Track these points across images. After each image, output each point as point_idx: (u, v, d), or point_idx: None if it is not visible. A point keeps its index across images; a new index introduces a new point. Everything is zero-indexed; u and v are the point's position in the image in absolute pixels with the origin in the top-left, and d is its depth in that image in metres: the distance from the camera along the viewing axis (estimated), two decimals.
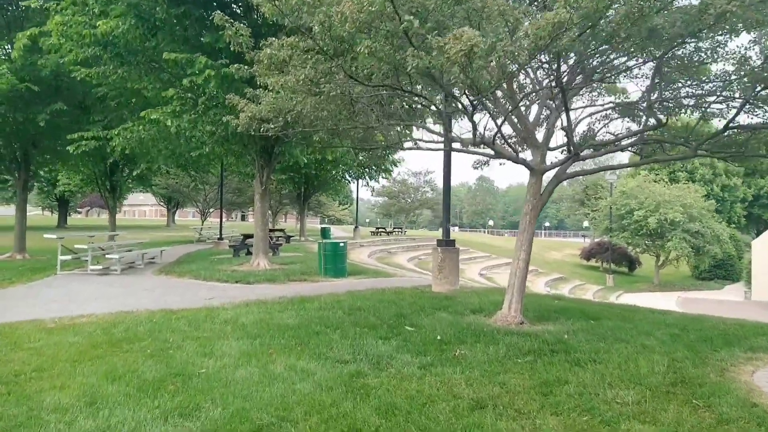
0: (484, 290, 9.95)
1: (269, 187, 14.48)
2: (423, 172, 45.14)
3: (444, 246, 10.03)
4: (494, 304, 7.98)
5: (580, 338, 5.84)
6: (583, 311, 7.47)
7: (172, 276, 12.79)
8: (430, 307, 7.69)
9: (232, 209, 60.44)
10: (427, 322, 6.65)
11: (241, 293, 9.95)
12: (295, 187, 31.10)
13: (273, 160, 14.03)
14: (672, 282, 35.13)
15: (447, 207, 10.32)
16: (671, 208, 31.78)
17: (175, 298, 9.45)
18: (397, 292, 9.57)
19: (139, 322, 6.93)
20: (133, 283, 11.42)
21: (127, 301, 9.05)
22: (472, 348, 5.41)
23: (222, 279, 11.77)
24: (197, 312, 7.69)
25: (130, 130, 13.00)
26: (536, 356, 5.13)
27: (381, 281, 11.94)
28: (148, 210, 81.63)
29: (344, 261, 12.69)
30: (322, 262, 12.47)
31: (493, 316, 7.01)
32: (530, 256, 6.94)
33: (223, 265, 14.87)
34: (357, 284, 11.29)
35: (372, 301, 8.29)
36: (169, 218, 51.59)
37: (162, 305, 8.57)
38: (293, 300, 8.66)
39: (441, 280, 9.88)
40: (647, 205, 32.08)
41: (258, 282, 11.49)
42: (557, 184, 7.10)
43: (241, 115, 7.58)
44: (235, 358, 5.12)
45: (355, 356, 5.15)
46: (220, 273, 12.60)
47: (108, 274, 13.15)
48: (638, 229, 32.28)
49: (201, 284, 11.32)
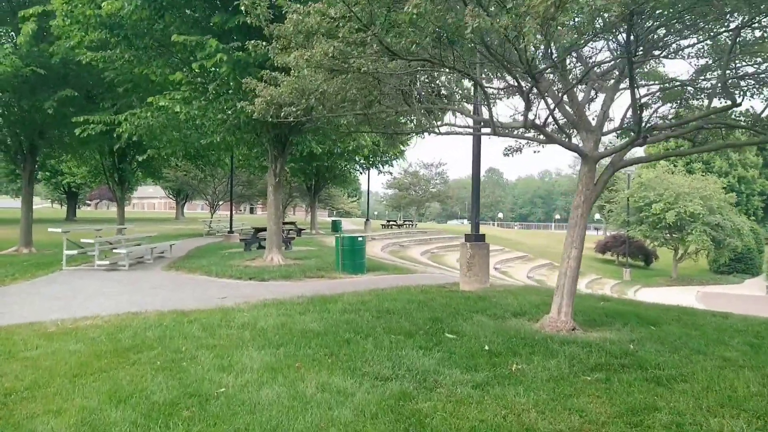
0: (517, 289, 9.19)
1: (283, 179, 13.75)
2: (435, 164, 44.27)
3: (473, 241, 9.28)
4: (535, 306, 7.23)
5: (648, 349, 5.08)
6: (637, 314, 6.70)
7: (183, 272, 12.13)
8: (466, 310, 6.95)
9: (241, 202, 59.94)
10: (468, 328, 5.91)
11: (255, 291, 9.27)
12: (305, 179, 30.40)
13: (287, 150, 13.29)
14: (690, 276, 34.19)
15: (476, 198, 9.55)
16: (690, 201, 30.79)
17: (186, 296, 8.78)
18: (423, 291, 8.84)
19: (147, 326, 6.25)
20: (141, 280, 10.77)
21: (135, 300, 8.40)
22: (529, 361, 4.68)
23: (235, 275, 11.09)
24: (211, 314, 7.01)
25: (138, 116, 12.31)
26: (607, 373, 4.39)
27: (402, 278, 11.22)
28: (157, 203, 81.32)
29: (363, 256, 11.98)
30: (339, 258, 11.77)
31: (540, 320, 6.26)
32: (582, 253, 6.18)
33: (235, 260, 14.20)
34: (378, 282, 10.58)
35: (400, 302, 7.56)
36: (178, 211, 51.12)
37: (172, 305, 7.90)
38: (313, 300, 7.95)
39: (470, 277, 9.14)
40: (666, 197, 31.10)
41: (273, 279, 10.81)
42: (613, 173, 6.32)
43: (257, 101, 6.86)
44: (258, 373, 4.42)
45: (395, 371, 4.42)
46: (232, 269, 11.93)
47: (116, 269, 12.52)
48: (656, 222, 31.33)
49: (213, 281, 10.65)
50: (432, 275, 12.10)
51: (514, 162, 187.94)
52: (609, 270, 34.98)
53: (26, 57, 13.67)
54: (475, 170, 9.40)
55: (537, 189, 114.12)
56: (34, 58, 13.78)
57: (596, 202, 33.74)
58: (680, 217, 30.40)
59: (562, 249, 6.28)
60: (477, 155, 9.31)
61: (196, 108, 11.31)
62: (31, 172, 18.02)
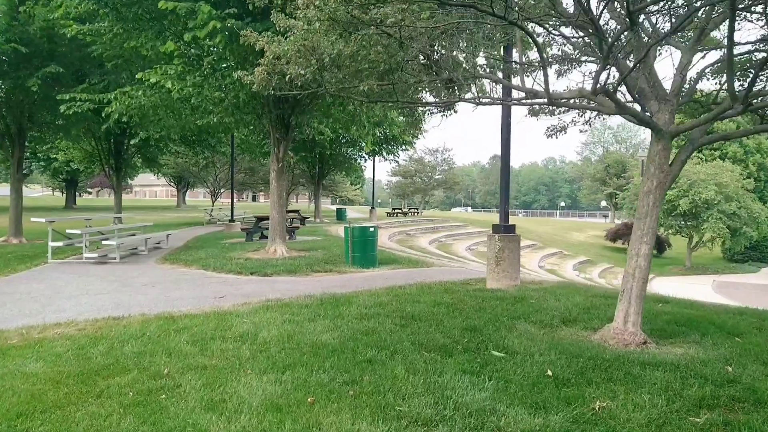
0: (553, 287, 8.06)
1: (286, 164, 12.59)
2: (441, 149, 42.85)
3: (502, 233, 8.14)
4: (584, 311, 6.13)
5: (753, 373, 3.98)
6: (711, 321, 5.59)
7: (178, 265, 11.05)
8: (506, 315, 5.84)
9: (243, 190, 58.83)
10: (516, 341, 4.80)
11: (257, 289, 8.19)
12: (309, 165, 29.21)
13: (290, 132, 12.12)
14: (704, 264, 33.07)
15: (506, 184, 8.39)
16: (705, 188, 29.57)
17: (179, 295, 7.70)
18: (447, 289, 7.73)
19: (127, 338, 5.16)
20: (131, 275, 9.69)
21: (121, 301, 7.32)
22: (611, 394, 3.57)
23: (234, 270, 10.00)
24: (204, 320, 5.91)
25: (129, 94, 11.15)
26: (720, 412, 3.28)
27: (418, 273, 10.13)
28: (159, 190, 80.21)
29: (375, 248, 10.87)
30: (349, 250, 10.66)
31: (599, 330, 5.16)
32: (652, 249, 5.06)
33: (235, 251, 13.11)
34: (392, 277, 9.48)
35: (425, 305, 6.46)
36: (179, 198, 50.03)
37: (161, 307, 6.83)
38: (324, 301, 6.85)
39: (499, 274, 8.03)
40: (680, 184, 29.86)
41: (276, 273, 9.72)
42: (693, 151, 5.17)
43: (257, 70, 5.71)
44: (258, 413, 3.32)
45: (439, 410, 3.32)
46: (231, 262, 10.84)
47: (106, 262, 11.44)
48: (671, 209, 30.12)
49: (210, 277, 9.57)
50: (450, 269, 10.99)
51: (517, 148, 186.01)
52: (620, 258, 33.84)
53: (5, 32, 12.48)
54: (504, 151, 8.23)
55: (541, 176, 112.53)
56: (14, 34, 12.58)
57: (607, 189, 32.31)
58: (694, 204, 29.22)
59: (629, 244, 5.15)
60: (507, 135, 8.13)
61: (191, 84, 10.14)
62: (20, 158, 16.88)
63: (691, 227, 30.80)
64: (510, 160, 8.41)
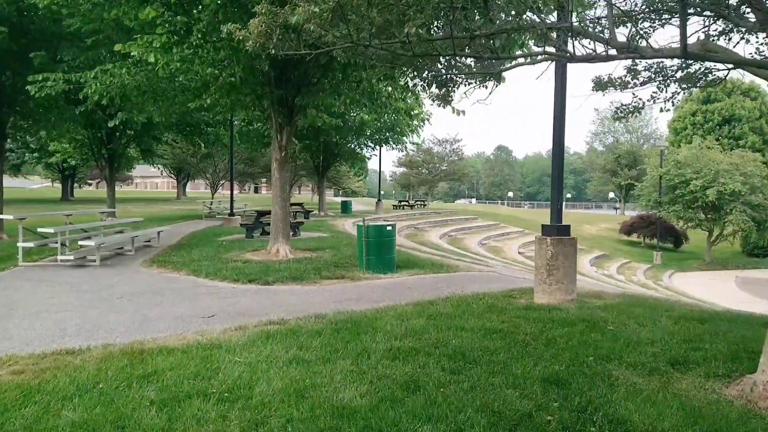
0: (620, 303, 6.49)
1: (290, 153, 11.00)
2: (450, 140, 41.04)
3: (556, 235, 6.59)
4: (687, 343, 4.58)
5: None
6: None
7: (166, 269, 9.53)
8: (589, 354, 4.29)
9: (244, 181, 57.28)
10: (631, 407, 3.27)
11: (256, 304, 6.67)
12: (312, 156, 27.54)
13: (295, 116, 10.53)
14: (723, 259, 31.49)
15: (559, 170, 6.76)
16: (730, 178, 27.93)
17: (159, 313, 6.18)
18: (491, 306, 6.20)
19: (72, 391, 3.65)
20: (109, 283, 8.18)
21: (86, 321, 5.81)
22: None
23: (230, 276, 8.47)
24: (184, 358, 4.39)
25: (110, 73, 9.57)
26: None
27: (445, 279, 8.60)
28: (160, 182, 78.56)
29: (393, 251, 9.33)
30: (363, 252, 9.12)
31: (734, 383, 3.63)
32: None
33: (233, 251, 11.60)
34: (416, 285, 7.96)
35: (472, 333, 4.92)
36: (179, 190, 48.47)
37: (134, 332, 5.33)
38: (339, 326, 5.33)
39: (551, 286, 6.49)
40: (704, 174, 28.20)
41: (279, 281, 8.20)
42: None
43: (254, 22, 4.19)
44: None
45: None
46: (227, 267, 9.32)
47: (84, 266, 9.93)
48: (693, 201, 28.48)
49: (201, 285, 8.04)
50: (480, 274, 9.46)
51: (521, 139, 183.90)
52: (636, 253, 32.35)
53: None
54: (558, 130, 6.63)
55: (546, 167, 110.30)
56: None
57: (618, 181, 30.15)
58: (720, 195, 27.60)
59: None
60: (561, 109, 6.53)
61: (178, 59, 8.54)
62: (0, 146, 15.36)
63: (713, 220, 29.17)
64: (564, 144, 6.82)
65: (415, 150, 40.54)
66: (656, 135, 55.85)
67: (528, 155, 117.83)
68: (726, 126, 41.12)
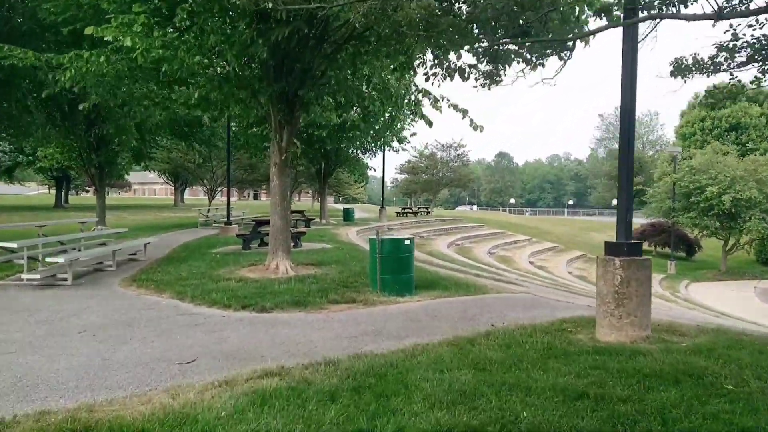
0: (712, 342, 5.05)
1: (291, 156, 9.61)
2: (454, 145, 39.58)
3: (626, 255, 5.19)
4: None
5: None
6: None
7: (147, 290, 8.11)
8: None
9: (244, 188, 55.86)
10: None
11: (249, 342, 5.26)
12: (313, 162, 26.03)
13: (296, 113, 9.16)
14: (738, 269, 30.10)
15: (627, 175, 5.36)
16: (746, 185, 26.64)
17: (125, 356, 4.76)
18: (549, 348, 4.80)
19: None
20: (74, 310, 6.75)
21: (26, 370, 4.39)
22: None
23: (221, 301, 7.05)
24: None
25: (86, 59, 8.20)
26: None
27: (475, 303, 7.19)
28: (159, 188, 77.02)
29: (411, 268, 7.91)
30: (377, 271, 7.71)
31: None
32: None
33: (228, 266, 10.20)
34: (444, 313, 6.55)
35: (547, 400, 3.51)
36: (177, 197, 47.01)
37: (84, 389, 3.93)
38: (359, 383, 3.91)
39: (621, 320, 5.10)
40: (720, 180, 26.89)
41: (279, 306, 6.78)
42: None
43: None
44: None
45: None
46: (218, 287, 7.91)
47: (54, 285, 8.51)
48: (709, 208, 27.14)
49: (184, 313, 6.62)
50: (513, 296, 8.04)
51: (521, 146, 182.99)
52: None
53: None
54: (626, 123, 5.24)
55: (546, 174, 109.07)
56: None
57: None
58: (736, 202, 26.28)
59: None
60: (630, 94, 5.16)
61: (160, 44, 7.17)
62: None
63: (729, 228, 27.82)
64: (634, 132, 5.42)
65: (419, 156, 39.21)
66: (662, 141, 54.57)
67: (528, 162, 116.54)
68: (733, 132, 39.93)
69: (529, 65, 4.29)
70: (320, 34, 8.26)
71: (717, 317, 11.04)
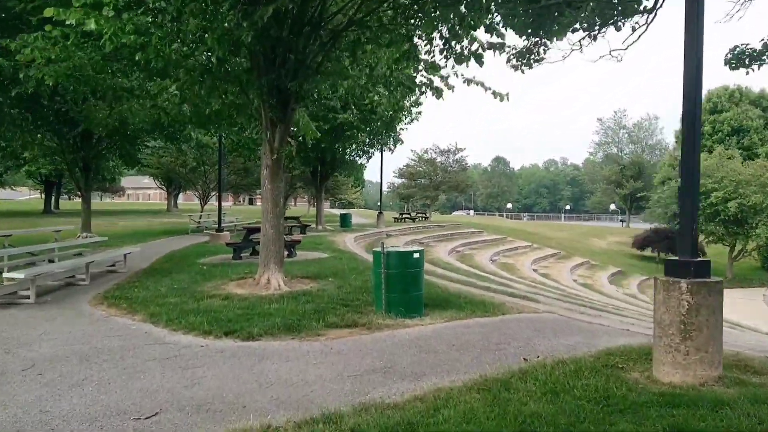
0: None
1: (284, 156, 8.56)
2: (452, 150, 38.54)
3: (693, 277, 4.19)
4: None
5: None
6: None
7: (119, 310, 7.04)
8: None
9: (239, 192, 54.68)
10: None
11: (229, 385, 4.20)
12: (306, 163, 24.74)
13: (290, 109, 8.13)
14: (744, 276, 29.26)
15: (694, 174, 4.35)
16: (751, 190, 25.85)
17: (68, 409, 3.68)
18: (608, 395, 3.79)
19: None
20: (28, 338, 5.67)
21: None
22: None
23: (200, 325, 5.98)
24: None
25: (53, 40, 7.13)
26: None
27: (496, 327, 6.17)
28: (153, 193, 75.54)
29: (420, 285, 6.88)
30: (382, 289, 6.68)
31: None
32: None
33: (214, 280, 9.15)
34: (463, 342, 5.52)
35: None
36: (170, 202, 45.74)
37: None
38: None
39: (688, 356, 4.10)
40: (725, 185, 26.10)
41: (269, 333, 5.73)
42: None
43: None
44: None
45: None
46: (201, 306, 6.86)
47: (15, 303, 7.43)
48: (714, 214, 26.33)
49: (156, 342, 5.55)
50: (538, 316, 7.02)
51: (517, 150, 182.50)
52: (652, 269, 30.08)
53: None
54: (690, 119, 4.28)
55: (542, 179, 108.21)
56: None
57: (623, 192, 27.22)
58: (742, 208, 25.47)
59: None
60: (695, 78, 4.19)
61: (131, 29, 6.14)
62: None
63: (736, 234, 26.99)
64: (700, 136, 4.44)
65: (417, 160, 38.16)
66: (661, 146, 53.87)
67: (524, 166, 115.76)
68: (734, 137, 39.21)
69: (588, 32, 3.30)
70: (316, 19, 7.26)
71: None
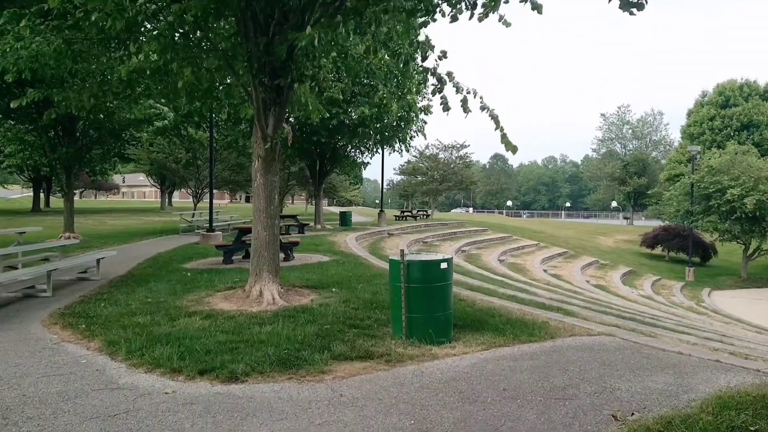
0: None
1: (279, 145, 7.09)
2: (456, 146, 37.04)
3: None
4: None
5: None
6: None
7: (72, 335, 5.60)
8: None
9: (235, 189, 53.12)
10: None
11: None
12: (302, 158, 23.20)
13: (286, 91, 6.69)
14: (759, 275, 27.98)
15: None
16: None
17: None
18: None
19: None
20: None
21: None
22: None
23: (168, 361, 4.54)
24: None
25: None
26: None
27: (552, 359, 4.77)
28: (148, 191, 73.79)
29: (449, 303, 5.47)
30: (402, 307, 5.27)
31: None
32: None
33: (197, 290, 7.72)
34: (514, 383, 4.12)
35: None
36: (163, 200, 44.16)
37: None
38: None
39: None
40: (743, 182, 24.74)
41: (258, 371, 4.31)
42: None
43: None
44: None
45: None
46: (174, 330, 5.43)
47: None
48: (731, 211, 24.97)
49: (106, 387, 4.11)
50: (598, 342, 5.62)
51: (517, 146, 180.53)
52: (663, 268, 28.83)
53: None
54: None
55: (541, 176, 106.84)
56: None
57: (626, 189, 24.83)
58: (761, 204, 24.13)
59: None
60: None
61: None
62: None
63: (752, 232, 25.66)
64: None
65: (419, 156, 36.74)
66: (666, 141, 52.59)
67: (523, 164, 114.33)
68: (744, 132, 37.92)
69: None
70: None
71: None
